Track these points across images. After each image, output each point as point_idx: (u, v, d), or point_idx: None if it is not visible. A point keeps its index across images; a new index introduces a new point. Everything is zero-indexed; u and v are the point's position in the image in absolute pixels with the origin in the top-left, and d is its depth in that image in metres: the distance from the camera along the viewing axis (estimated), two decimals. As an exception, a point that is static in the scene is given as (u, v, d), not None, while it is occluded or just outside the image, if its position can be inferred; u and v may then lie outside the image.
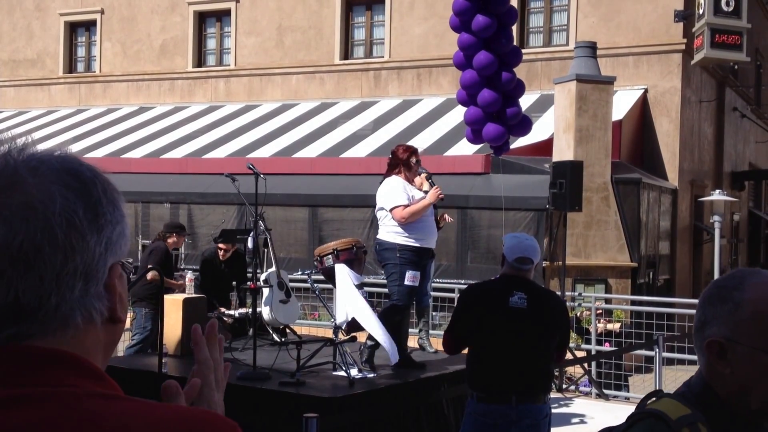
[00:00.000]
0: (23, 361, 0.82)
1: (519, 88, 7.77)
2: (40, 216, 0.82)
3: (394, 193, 5.48)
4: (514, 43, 7.93)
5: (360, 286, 5.34)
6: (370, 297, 6.83)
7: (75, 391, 0.81)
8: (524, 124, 7.89)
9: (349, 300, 5.22)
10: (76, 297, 0.83)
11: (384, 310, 5.66)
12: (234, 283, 7.32)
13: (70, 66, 20.12)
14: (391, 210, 5.46)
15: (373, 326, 5.18)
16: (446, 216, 7.12)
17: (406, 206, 5.41)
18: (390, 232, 5.51)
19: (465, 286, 4.16)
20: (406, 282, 5.43)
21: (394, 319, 5.56)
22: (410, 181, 5.60)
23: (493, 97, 7.51)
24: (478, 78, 7.49)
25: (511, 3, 7.67)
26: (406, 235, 5.47)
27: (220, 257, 7.35)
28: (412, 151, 5.67)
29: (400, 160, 5.59)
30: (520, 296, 3.74)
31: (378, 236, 5.61)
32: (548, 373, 3.85)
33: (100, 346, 0.87)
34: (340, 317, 5.30)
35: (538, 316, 3.75)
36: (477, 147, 12.91)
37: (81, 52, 20.12)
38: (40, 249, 0.81)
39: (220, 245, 7.32)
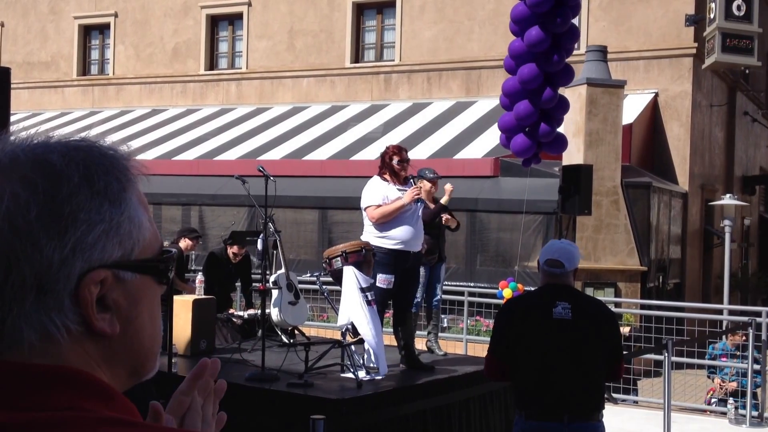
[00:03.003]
0: (17, 379, 0.71)
1: (561, 107, 7.46)
2: None
3: (369, 193, 5.49)
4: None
5: (369, 288, 5.36)
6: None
7: (85, 416, 0.70)
8: (558, 143, 7.70)
9: (351, 304, 5.25)
10: (27, 311, 0.72)
11: None
12: (238, 284, 7.37)
13: (84, 68, 20.28)
14: (364, 209, 5.48)
15: (369, 335, 5.17)
16: (446, 217, 6.93)
17: (379, 206, 5.40)
18: (367, 232, 5.52)
19: (504, 303, 3.87)
20: (378, 284, 5.37)
21: None
22: (395, 182, 5.54)
23: (529, 112, 7.23)
24: (519, 88, 7.21)
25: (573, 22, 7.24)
26: (381, 236, 5.43)
27: (232, 260, 7.38)
28: (395, 151, 5.59)
29: (384, 161, 5.60)
30: (564, 306, 3.51)
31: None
32: (600, 388, 3.58)
33: (94, 362, 0.75)
34: (343, 319, 5.33)
35: (584, 326, 3.52)
36: (487, 150, 12.96)
37: (95, 54, 20.28)
38: None
39: (233, 250, 7.32)
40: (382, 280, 5.41)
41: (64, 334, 0.73)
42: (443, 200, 7.03)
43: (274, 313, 6.36)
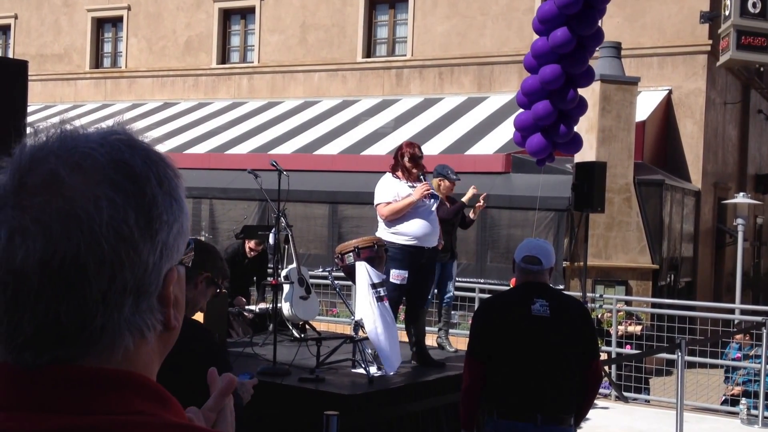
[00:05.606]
0: (83, 384, 0.70)
1: (580, 108, 7.40)
2: (84, 228, 0.69)
3: (381, 190, 5.56)
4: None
5: (381, 284, 5.36)
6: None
7: (152, 421, 0.71)
8: (574, 144, 7.64)
9: (363, 300, 5.25)
10: (125, 316, 0.72)
11: None
12: (255, 278, 7.36)
13: (97, 61, 20.35)
14: (376, 206, 5.56)
15: (373, 333, 5.15)
16: (476, 209, 7.29)
17: (389, 203, 5.46)
18: (381, 228, 5.60)
19: (480, 303, 3.88)
20: (391, 279, 5.43)
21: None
22: (407, 179, 5.57)
23: (549, 111, 7.15)
24: (539, 87, 7.12)
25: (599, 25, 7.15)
26: (393, 232, 5.49)
27: (248, 255, 7.35)
28: (407, 149, 5.61)
29: (396, 158, 5.65)
30: (542, 303, 3.47)
31: None
32: (574, 389, 3.50)
33: (154, 358, 0.77)
34: (359, 315, 5.34)
35: (563, 324, 3.48)
36: (498, 146, 12.91)
37: (107, 47, 20.34)
38: (84, 267, 0.69)
39: (251, 245, 7.30)
40: (396, 275, 5.44)
41: (152, 334, 0.75)
42: (465, 198, 7.16)
43: (286, 307, 6.37)
